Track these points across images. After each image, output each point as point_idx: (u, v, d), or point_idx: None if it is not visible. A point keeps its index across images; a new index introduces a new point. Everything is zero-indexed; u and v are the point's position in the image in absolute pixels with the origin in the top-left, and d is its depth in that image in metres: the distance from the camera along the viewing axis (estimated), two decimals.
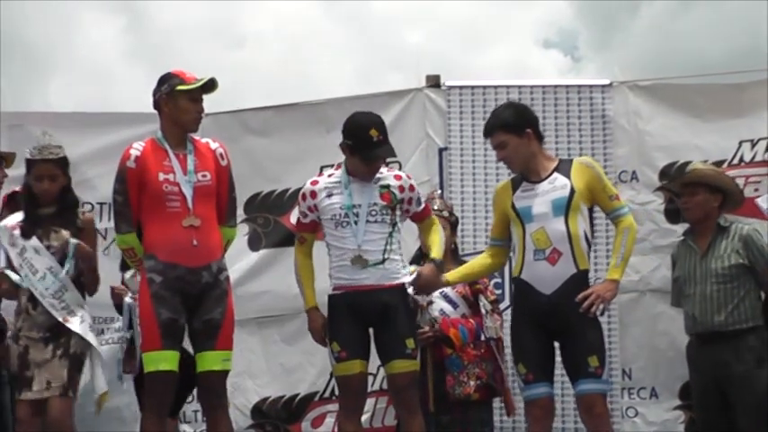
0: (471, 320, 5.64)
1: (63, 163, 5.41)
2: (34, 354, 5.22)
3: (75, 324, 5.27)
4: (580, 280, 4.68)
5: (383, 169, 5.00)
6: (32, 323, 5.28)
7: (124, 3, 18.04)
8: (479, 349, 5.60)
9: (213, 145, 4.90)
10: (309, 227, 5.09)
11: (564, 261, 4.65)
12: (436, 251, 5.03)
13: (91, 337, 5.34)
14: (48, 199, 5.39)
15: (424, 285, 4.98)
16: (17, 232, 5.38)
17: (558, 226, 4.67)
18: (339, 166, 5.05)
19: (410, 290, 4.96)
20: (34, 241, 5.33)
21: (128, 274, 5.61)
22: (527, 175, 4.83)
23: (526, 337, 4.75)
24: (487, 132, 4.91)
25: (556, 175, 4.76)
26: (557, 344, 4.77)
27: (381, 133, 4.89)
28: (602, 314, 4.73)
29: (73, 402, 5.30)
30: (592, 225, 4.79)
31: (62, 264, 5.32)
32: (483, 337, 5.62)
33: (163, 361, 4.61)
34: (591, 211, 4.77)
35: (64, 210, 5.42)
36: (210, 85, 4.80)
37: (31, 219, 5.39)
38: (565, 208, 4.68)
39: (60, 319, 5.25)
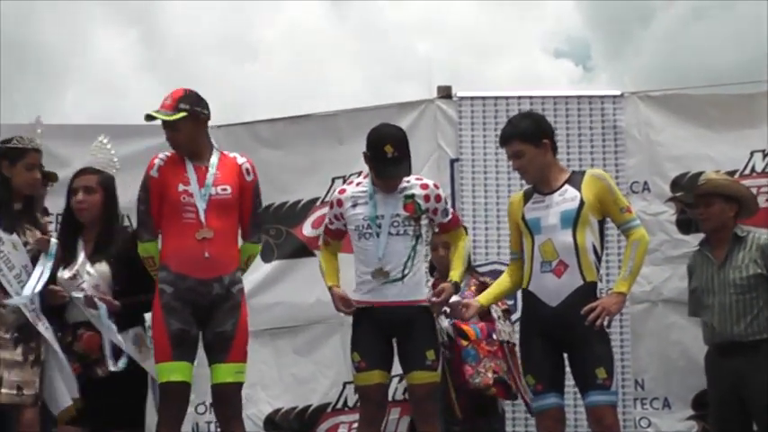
0: (482, 322, 5.62)
1: None
2: (3, 353, 4.81)
3: (42, 328, 4.92)
4: (586, 292, 4.66)
5: (410, 177, 4.93)
6: (1, 322, 4.86)
7: (137, 16, 18.17)
8: (492, 346, 5.59)
9: (240, 160, 4.90)
10: (335, 234, 5.08)
11: (570, 273, 4.65)
12: (455, 273, 4.98)
13: (56, 345, 4.96)
14: (30, 191, 5.05)
15: (439, 306, 4.94)
16: None
17: (566, 238, 4.66)
18: (367, 174, 5.00)
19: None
20: (14, 236, 4.93)
21: (66, 274, 4.99)
22: (539, 186, 4.83)
23: (534, 347, 4.75)
24: (504, 141, 4.87)
25: (566, 187, 4.75)
26: (566, 355, 4.76)
27: (398, 149, 4.80)
28: (608, 326, 4.73)
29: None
30: (602, 238, 4.77)
31: (34, 264, 4.96)
32: (495, 338, 5.62)
33: (175, 372, 4.62)
34: (602, 223, 4.76)
35: (30, 208, 5.11)
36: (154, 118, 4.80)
37: (8, 212, 4.97)
38: (573, 220, 4.67)
39: (30, 320, 4.88)
